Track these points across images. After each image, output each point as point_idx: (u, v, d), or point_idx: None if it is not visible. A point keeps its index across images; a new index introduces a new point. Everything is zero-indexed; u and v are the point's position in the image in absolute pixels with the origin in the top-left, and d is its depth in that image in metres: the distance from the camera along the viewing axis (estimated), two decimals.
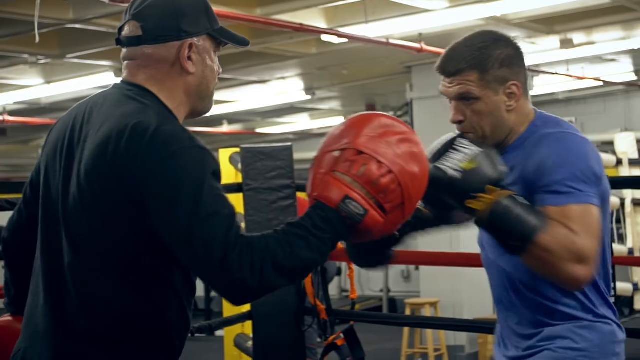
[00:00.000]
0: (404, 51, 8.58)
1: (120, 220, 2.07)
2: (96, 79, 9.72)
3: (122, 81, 2.25)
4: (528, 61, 2.67)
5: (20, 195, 2.44)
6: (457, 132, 2.54)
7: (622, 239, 10.26)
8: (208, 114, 2.35)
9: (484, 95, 2.50)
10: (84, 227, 2.10)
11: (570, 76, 11.01)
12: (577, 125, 2.80)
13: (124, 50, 2.25)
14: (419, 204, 2.42)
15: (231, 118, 14.04)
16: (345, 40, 8.14)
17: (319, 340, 5.61)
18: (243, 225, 4.31)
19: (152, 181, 2.03)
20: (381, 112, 2.25)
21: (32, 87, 10.43)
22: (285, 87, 11.86)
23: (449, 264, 6.77)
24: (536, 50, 9.94)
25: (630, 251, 9.75)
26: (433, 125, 9.31)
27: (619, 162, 9.63)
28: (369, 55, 9.75)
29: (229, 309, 6.90)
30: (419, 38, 8.40)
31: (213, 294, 13.84)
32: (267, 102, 12.81)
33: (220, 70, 2.31)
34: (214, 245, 1.98)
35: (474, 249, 2.80)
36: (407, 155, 2.12)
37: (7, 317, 2.48)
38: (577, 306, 2.51)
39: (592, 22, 8.98)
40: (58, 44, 8.51)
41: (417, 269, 12.50)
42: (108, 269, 2.10)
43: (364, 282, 14.50)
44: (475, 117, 2.51)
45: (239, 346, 5.83)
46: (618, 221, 9.85)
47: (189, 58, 2.21)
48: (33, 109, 11.87)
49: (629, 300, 10.86)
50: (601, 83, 12.21)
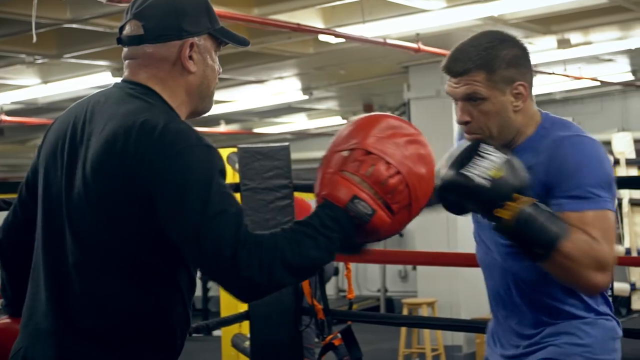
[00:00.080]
0: (401, 51, 8.57)
1: (127, 218, 2.07)
2: (93, 79, 9.71)
3: (123, 80, 2.25)
4: None
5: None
6: (478, 139, 2.48)
7: (619, 239, 10.28)
8: (206, 114, 2.35)
9: (491, 96, 2.46)
10: (89, 225, 2.10)
11: (567, 76, 11.01)
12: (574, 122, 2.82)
13: (125, 49, 2.25)
14: None
15: (229, 118, 14.03)
16: (343, 40, 8.14)
17: (316, 340, 5.61)
18: None
19: (160, 179, 2.03)
20: (389, 114, 2.26)
21: (29, 87, 10.42)
22: (282, 87, 11.86)
23: (446, 264, 6.77)
24: (533, 50, 9.93)
25: (628, 251, 9.77)
26: (430, 125, 9.36)
27: (616, 162, 9.66)
28: (367, 55, 9.74)
29: (226, 309, 6.90)
30: (417, 38, 8.39)
31: (211, 293, 13.82)
32: (264, 102, 12.80)
33: (221, 70, 2.32)
34: (223, 243, 1.99)
35: (471, 249, 2.80)
36: (415, 156, 2.14)
37: (5, 319, 2.47)
38: (581, 305, 2.54)
39: (589, 22, 8.99)
40: (55, 43, 8.50)
41: (414, 269, 12.51)
42: (114, 268, 2.09)
43: (361, 282, 14.50)
44: (482, 118, 2.48)
45: (237, 346, 5.82)
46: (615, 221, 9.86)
47: (190, 57, 2.21)
48: (30, 108, 11.85)
49: (627, 300, 10.88)
50: (598, 83, 12.20)
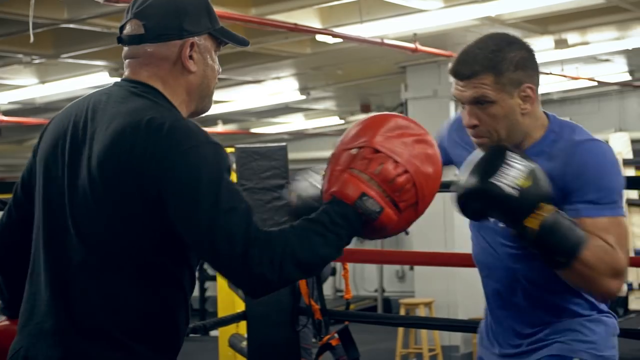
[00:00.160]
0: (398, 51, 8.58)
1: (135, 216, 2.07)
2: (91, 79, 9.70)
3: (123, 79, 2.25)
4: None
5: None
6: (501, 145, 2.45)
7: None
8: (204, 114, 2.35)
9: (499, 99, 2.43)
10: (95, 224, 2.09)
11: (564, 76, 11.01)
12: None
13: (126, 48, 2.25)
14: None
15: (226, 118, 14.03)
16: (340, 40, 8.14)
17: (313, 340, 5.61)
18: None
19: (170, 178, 2.04)
20: (397, 114, 2.27)
21: (26, 87, 10.41)
22: (280, 87, 11.86)
23: (443, 264, 6.76)
24: None
25: None
26: (428, 125, 9.21)
27: None
28: (364, 55, 9.74)
29: (223, 309, 6.90)
30: (414, 38, 8.39)
31: (208, 293, 13.81)
32: (261, 102, 12.81)
33: (220, 70, 2.32)
34: (235, 240, 2.00)
35: (469, 249, 2.80)
36: (423, 156, 2.16)
37: (4, 321, 2.45)
38: (584, 304, 2.56)
39: (586, 22, 8.99)
40: (52, 43, 8.49)
41: (411, 269, 12.52)
42: (120, 266, 2.09)
43: (358, 282, 14.51)
44: (491, 121, 2.45)
45: (234, 346, 5.82)
46: None
47: (191, 57, 2.21)
48: (27, 108, 11.84)
49: (624, 300, 10.87)
50: (595, 83, 12.22)
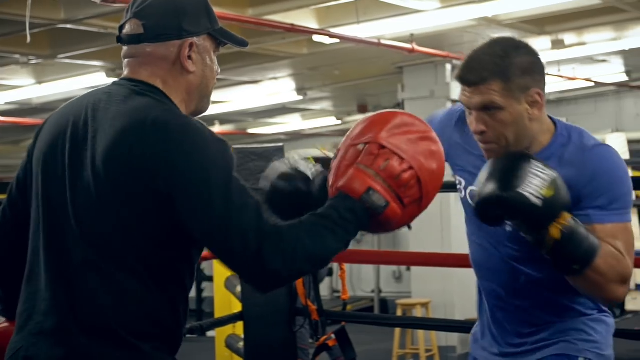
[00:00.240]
0: (395, 52, 8.58)
1: (143, 215, 2.07)
2: (88, 79, 9.69)
3: (123, 78, 2.24)
4: None
5: None
6: (524, 152, 2.44)
7: None
8: (201, 114, 2.35)
9: (507, 105, 2.41)
10: (101, 223, 2.09)
11: (561, 77, 11.02)
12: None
13: (125, 48, 2.25)
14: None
15: (223, 118, 14.03)
16: (337, 40, 8.14)
17: (310, 341, 5.61)
18: None
19: (180, 177, 2.04)
20: (403, 111, 2.29)
21: (23, 87, 10.41)
22: (277, 87, 11.86)
23: (440, 264, 6.75)
24: None
25: None
26: None
27: None
28: (361, 55, 9.74)
29: (220, 310, 6.89)
30: (411, 38, 8.40)
31: (205, 294, 13.81)
32: (259, 102, 12.80)
33: (219, 71, 2.32)
34: (248, 237, 2.02)
35: (465, 249, 2.79)
36: (427, 152, 2.19)
37: (3, 322, 2.43)
38: (586, 303, 2.58)
39: (583, 23, 9.00)
40: (49, 44, 8.48)
41: (408, 269, 12.52)
42: (126, 265, 2.08)
43: (355, 283, 14.50)
44: (499, 127, 2.43)
45: (230, 347, 5.82)
46: None
47: (189, 57, 2.22)
48: (24, 109, 11.83)
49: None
50: (592, 84, 12.23)
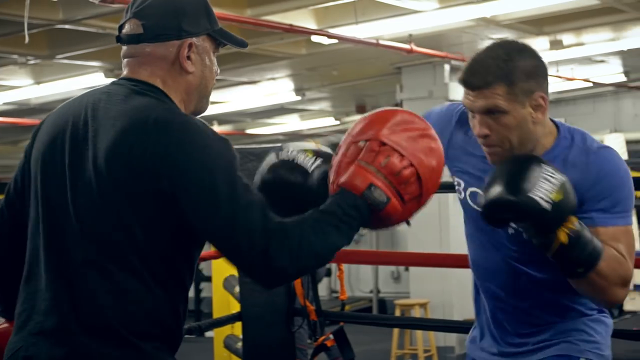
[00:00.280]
0: (393, 52, 8.58)
1: (147, 214, 2.07)
2: (86, 80, 9.69)
3: (122, 78, 2.24)
4: None
5: None
6: (532, 155, 2.43)
7: None
8: (200, 115, 2.35)
9: (511, 109, 2.41)
10: (103, 222, 2.08)
11: (559, 77, 11.03)
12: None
13: (124, 48, 2.25)
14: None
15: (221, 119, 14.03)
16: (335, 41, 8.14)
17: (309, 341, 5.61)
18: None
19: (185, 177, 2.04)
20: (403, 109, 2.31)
21: (21, 87, 10.41)
22: (275, 87, 11.86)
23: (438, 265, 6.75)
24: None
25: None
26: None
27: None
28: (359, 56, 9.75)
29: (218, 310, 6.89)
30: (409, 39, 8.40)
31: (203, 294, 13.81)
32: (257, 102, 12.81)
33: (219, 71, 2.32)
34: (255, 234, 2.03)
35: (464, 250, 2.79)
36: (427, 149, 2.21)
37: (3, 323, 2.42)
38: (587, 304, 2.59)
39: (581, 23, 9.01)
40: (47, 44, 8.48)
41: (406, 269, 12.52)
42: (129, 264, 2.08)
43: (353, 283, 14.51)
44: (503, 131, 2.43)
45: (229, 347, 5.83)
46: None
47: (188, 57, 2.22)
48: (22, 109, 11.84)
49: None
50: (590, 84, 12.24)
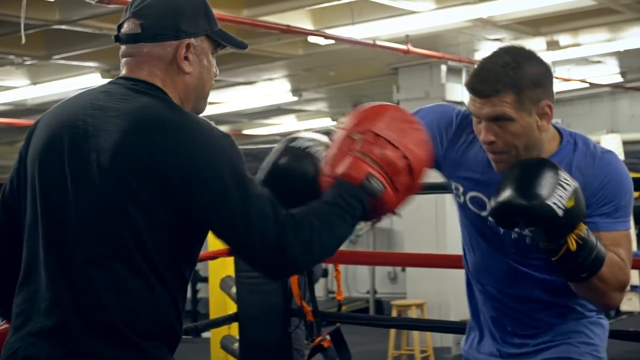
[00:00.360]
0: (390, 52, 8.58)
1: (153, 213, 2.07)
2: (82, 80, 9.68)
3: (121, 77, 2.24)
4: None
5: None
6: (548, 160, 2.43)
7: None
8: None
9: (518, 117, 2.40)
10: (108, 221, 2.08)
11: (556, 78, 11.00)
12: (563, 126, 2.82)
13: (123, 47, 2.25)
14: None
15: (218, 119, 14.03)
16: (332, 41, 8.15)
17: (305, 341, 5.61)
18: None
19: (194, 175, 2.06)
20: (390, 104, 2.38)
21: (18, 88, 10.40)
22: (272, 88, 11.86)
23: (435, 265, 6.75)
24: None
25: None
26: None
27: None
28: (356, 56, 9.75)
29: (215, 311, 6.90)
30: (406, 39, 8.41)
31: (200, 295, 13.79)
32: (254, 103, 12.81)
33: (218, 72, 2.33)
34: (268, 227, 2.05)
35: (460, 250, 2.79)
36: (417, 141, 2.28)
37: (3, 324, 2.41)
38: (586, 305, 2.60)
39: (578, 24, 9.01)
40: (44, 45, 8.48)
41: (403, 270, 12.52)
42: (133, 263, 2.07)
43: (350, 284, 14.50)
44: (509, 138, 2.42)
45: (225, 348, 5.82)
46: None
47: (186, 58, 2.22)
48: (19, 110, 11.83)
49: None
50: (587, 85, 12.24)
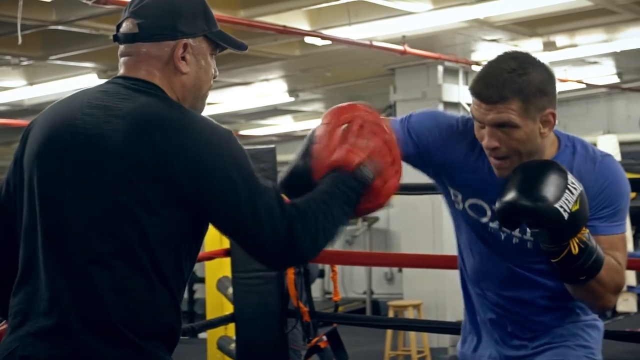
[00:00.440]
0: (387, 53, 8.58)
1: (158, 212, 2.07)
2: (79, 81, 9.66)
3: (119, 77, 2.24)
4: None
5: None
6: (556, 163, 2.43)
7: None
8: None
9: (523, 124, 2.41)
10: (110, 221, 2.07)
11: None
12: (559, 127, 2.80)
13: (121, 46, 2.26)
14: None
15: (215, 120, 13.98)
16: (329, 42, 8.14)
17: (302, 342, 5.61)
18: None
19: (200, 172, 2.07)
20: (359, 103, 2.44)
21: (14, 88, 10.38)
22: (268, 89, 11.85)
23: (432, 266, 6.76)
24: None
25: None
26: None
27: None
28: (352, 57, 9.74)
29: (212, 312, 6.89)
30: (403, 40, 8.40)
31: (197, 296, 13.79)
32: (250, 104, 12.79)
33: (217, 73, 2.33)
34: (278, 220, 2.08)
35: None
36: (393, 138, 2.35)
37: (3, 325, 2.39)
38: (583, 308, 2.63)
39: (574, 25, 9.01)
40: (41, 45, 8.46)
41: (400, 271, 12.51)
42: (135, 262, 2.07)
43: (347, 284, 14.50)
44: (513, 144, 2.43)
45: (222, 348, 5.83)
46: None
47: (183, 58, 2.22)
48: (16, 110, 11.80)
49: None
50: (584, 85, 12.24)
